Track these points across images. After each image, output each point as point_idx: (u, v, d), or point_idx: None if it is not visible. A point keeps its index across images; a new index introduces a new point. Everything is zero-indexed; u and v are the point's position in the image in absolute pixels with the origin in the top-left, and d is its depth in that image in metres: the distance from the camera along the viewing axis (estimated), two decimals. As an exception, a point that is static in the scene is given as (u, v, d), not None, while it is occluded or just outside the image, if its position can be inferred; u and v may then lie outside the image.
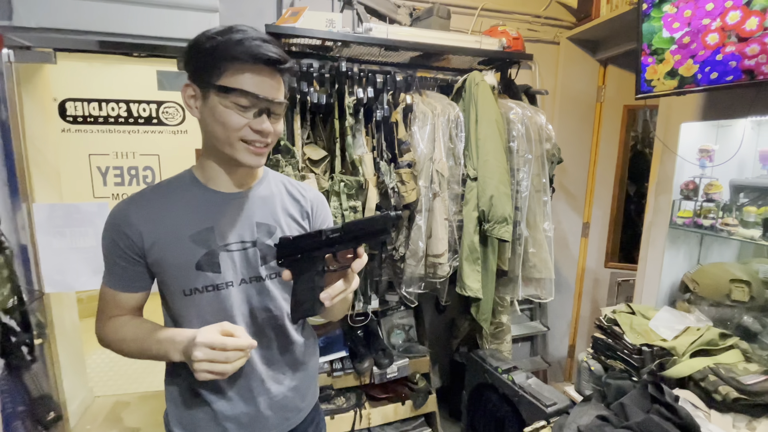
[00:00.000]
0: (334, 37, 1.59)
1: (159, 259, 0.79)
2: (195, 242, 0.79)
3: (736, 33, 1.20)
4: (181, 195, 0.82)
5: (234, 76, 0.72)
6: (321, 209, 0.96)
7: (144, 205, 0.80)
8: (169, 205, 0.81)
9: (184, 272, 0.79)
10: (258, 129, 0.75)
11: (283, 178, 0.94)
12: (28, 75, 1.87)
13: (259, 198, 0.87)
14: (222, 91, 0.72)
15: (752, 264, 1.58)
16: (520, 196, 1.80)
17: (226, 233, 0.82)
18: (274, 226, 0.86)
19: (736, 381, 1.15)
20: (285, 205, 0.90)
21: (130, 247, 0.79)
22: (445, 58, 1.90)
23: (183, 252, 0.79)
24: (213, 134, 0.76)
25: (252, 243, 0.84)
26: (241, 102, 0.73)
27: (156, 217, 0.80)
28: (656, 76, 1.42)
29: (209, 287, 0.81)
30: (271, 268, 0.86)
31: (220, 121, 0.74)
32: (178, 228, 0.79)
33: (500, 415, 1.61)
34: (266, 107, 0.75)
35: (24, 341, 1.47)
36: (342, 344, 1.95)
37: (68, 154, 1.99)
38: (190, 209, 0.81)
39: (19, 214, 1.74)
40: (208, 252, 0.80)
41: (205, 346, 0.69)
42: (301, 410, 0.94)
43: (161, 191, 0.83)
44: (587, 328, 2.58)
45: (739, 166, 1.61)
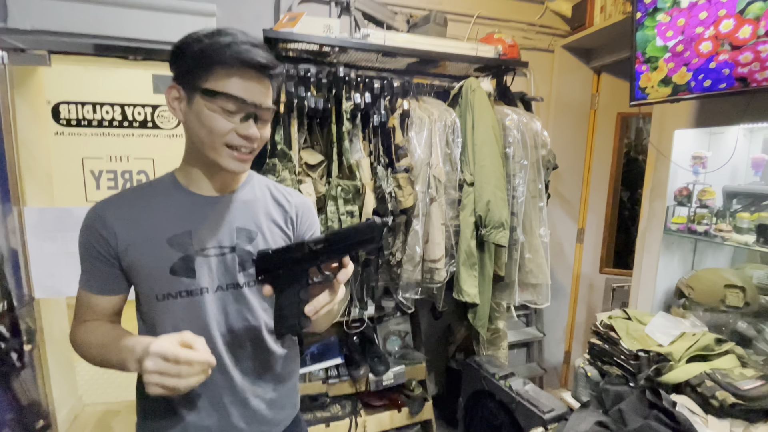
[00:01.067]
0: (332, 43, 1.59)
1: (133, 261, 0.77)
2: (171, 246, 0.77)
3: (730, 41, 1.22)
4: (162, 197, 0.80)
5: (221, 79, 0.71)
6: (307, 216, 0.92)
7: (121, 206, 0.78)
8: (148, 207, 0.79)
9: (158, 276, 0.77)
10: (244, 134, 0.73)
11: (268, 183, 0.92)
12: (22, 77, 1.85)
13: (241, 202, 0.84)
14: (208, 95, 0.70)
15: (746, 269, 1.59)
16: (516, 202, 1.81)
17: (204, 238, 0.79)
18: (255, 232, 0.83)
19: (733, 386, 1.15)
20: (268, 210, 0.87)
21: (105, 248, 0.76)
22: (441, 65, 1.91)
23: (158, 255, 0.77)
24: (197, 138, 0.74)
25: (230, 248, 0.81)
26: (228, 107, 0.71)
27: (133, 218, 0.77)
28: (650, 84, 1.44)
29: (183, 293, 0.78)
30: (250, 275, 0.82)
31: (206, 124, 0.72)
32: (155, 230, 0.77)
33: (497, 422, 1.60)
34: (253, 112, 0.74)
35: (13, 347, 1.43)
36: (337, 351, 1.93)
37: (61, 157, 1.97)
38: (169, 212, 0.79)
39: (10, 217, 1.71)
40: (184, 256, 0.77)
41: (157, 356, 0.63)
42: (279, 423, 0.90)
43: (141, 193, 0.81)
44: (583, 334, 2.58)
45: (731, 173, 1.64)
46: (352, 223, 1.58)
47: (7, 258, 1.63)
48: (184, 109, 0.75)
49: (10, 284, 1.57)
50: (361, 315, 1.85)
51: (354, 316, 1.84)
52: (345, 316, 1.85)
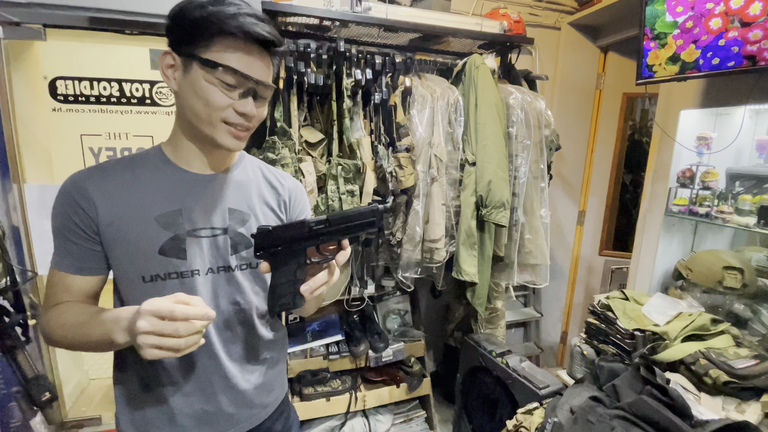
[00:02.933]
0: (332, 16, 1.55)
1: (117, 239, 0.72)
2: (160, 224, 0.73)
3: (740, 18, 1.19)
4: (149, 172, 0.75)
5: (223, 51, 0.67)
6: (299, 200, 0.90)
7: (105, 178, 0.73)
8: (134, 181, 0.74)
9: (146, 256, 0.72)
10: (242, 111, 0.70)
11: (260, 164, 0.89)
12: (17, 52, 1.81)
13: (234, 182, 0.81)
14: (208, 66, 0.67)
15: (745, 252, 1.60)
16: (517, 182, 1.80)
17: (195, 218, 0.75)
18: (248, 214, 0.81)
19: (727, 365, 1.17)
20: (261, 192, 0.84)
21: (85, 222, 0.71)
22: (445, 41, 1.87)
23: (145, 234, 0.72)
24: (191, 110, 0.70)
25: (223, 230, 0.78)
26: (228, 80, 0.68)
27: (117, 192, 0.72)
28: (658, 61, 1.41)
29: (173, 274, 0.74)
30: (242, 258, 0.80)
31: (202, 96, 0.68)
32: (142, 207, 0.73)
33: (494, 397, 1.64)
34: (253, 89, 0.70)
35: (18, 321, 1.46)
36: (338, 328, 1.96)
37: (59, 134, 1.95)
38: (157, 188, 0.74)
39: (11, 195, 1.71)
40: (174, 236, 0.73)
41: (151, 315, 0.59)
42: (267, 406, 0.89)
43: (126, 165, 0.75)
44: (580, 315, 2.62)
45: (736, 155, 1.62)
46: (353, 203, 1.57)
47: (8, 234, 1.64)
48: (178, 78, 0.70)
49: (13, 260, 1.58)
50: (362, 293, 1.87)
51: (354, 295, 1.86)
52: (346, 294, 1.87)
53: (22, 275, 1.57)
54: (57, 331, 0.71)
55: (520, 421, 1.23)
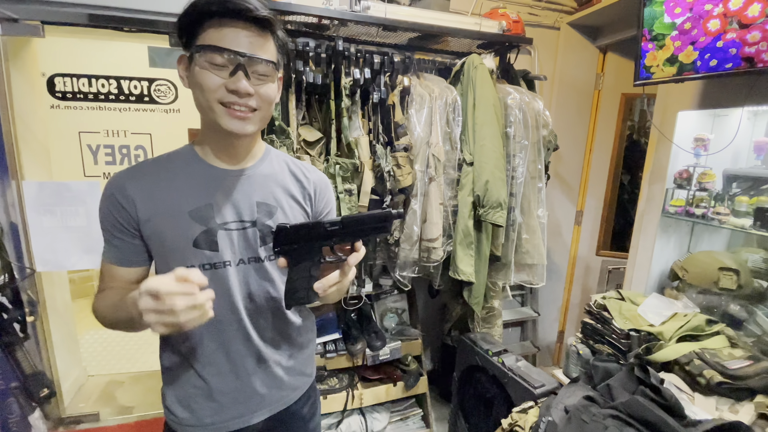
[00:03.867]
0: (331, 15, 1.55)
1: (155, 233, 0.77)
2: (193, 218, 0.77)
3: (738, 19, 1.19)
4: (181, 169, 0.79)
5: (211, 33, 0.69)
6: (324, 192, 0.93)
7: (142, 177, 0.78)
8: (168, 178, 0.78)
9: (181, 249, 0.77)
10: (233, 88, 0.70)
11: (285, 157, 0.92)
12: (16, 49, 1.81)
13: (260, 176, 0.84)
14: (198, 52, 0.69)
15: (741, 253, 1.60)
16: (515, 182, 1.80)
17: (225, 211, 0.79)
18: (275, 207, 0.84)
19: (721, 366, 1.18)
20: (287, 185, 0.87)
21: (126, 219, 0.76)
22: (443, 41, 1.87)
23: (180, 228, 0.76)
24: (197, 102, 0.73)
25: (251, 223, 0.81)
26: (215, 59, 0.69)
27: (154, 189, 0.77)
28: (655, 63, 1.41)
29: (206, 265, 0.78)
30: (270, 250, 0.84)
31: (198, 83, 0.70)
32: (176, 203, 0.77)
33: (489, 396, 1.65)
34: (241, 64, 0.70)
35: (16, 318, 1.46)
36: (335, 326, 1.97)
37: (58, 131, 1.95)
38: (189, 184, 0.78)
39: (9, 191, 1.71)
40: (207, 230, 0.78)
41: (147, 295, 0.61)
42: (296, 389, 0.94)
43: (161, 164, 0.80)
44: (577, 315, 2.62)
45: (733, 156, 1.62)
46: (351, 202, 1.58)
47: (7, 231, 1.64)
48: (188, 75, 0.73)
49: (11, 257, 1.58)
50: (359, 292, 1.87)
51: (352, 293, 1.86)
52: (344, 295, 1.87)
53: (20, 272, 1.58)
54: (99, 314, 0.77)
55: (515, 420, 1.23)
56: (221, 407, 0.84)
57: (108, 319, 0.76)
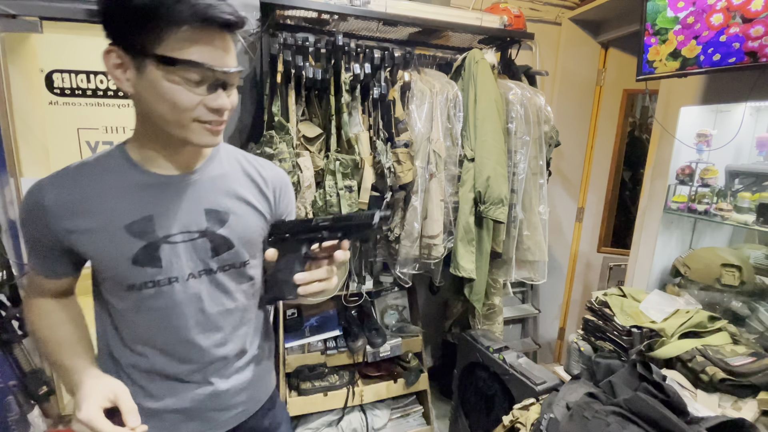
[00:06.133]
0: (331, 10, 1.54)
1: (87, 249, 0.69)
2: (130, 233, 0.68)
3: (741, 13, 1.18)
4: (114, 177, 0.69)
5: (179, 43, 0.58)
6: (285, 193, 0.86)
7: (66, 187, 0.67)
8: (97, 188, 0.68)
9: (119, 266, 0.69)
10: (215, 107, 0.64)
11: (237, 154, 0.82)
12: (14, 45, 1.80)
13: (209, 180, 0.75)
14: (166, 63, 0.59)
15: (744, 249, 1.60)
16: (516, 179, 1.79)
17: (169, 223, 0.71)
18: (227, 213, 0.75)
19: (724, 362, 1.17)
20: (240, 188, 0.79)
21: (45, 233, 0.68)
22: (444, 36, 1.86)
23: (116, 244, 0.68)
24: (158, 114, 0.63)
25: (200, 233, 0.73)
26: (192, 76, 0.60)
27: (82, 202, 0.67)
28: (658, 57, 1.40)
29: (149, 284, 0.71)
30: (224, 260, 0.76)
31: (167, 99, 0.61)
32: (110, 216, 0.68)
33: (490, 393, 1.64)
34: (222, 80, 0.63)
35: (14, 315, 1.45)
36: (336, 323, 1.96)
37: (56, 127, 1.93)
38: (124, 195, 0.69)
39: (7, 188, 1.70)
40: (147, 245, 0.69)
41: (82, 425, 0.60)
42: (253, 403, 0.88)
43: (87, 171, 0.70)
44: (578, 312, 2.62)
45: (736, 152, 1.61)
46: (351, 198, 1.57)
47: (5, 228, 1.63)
48: (133, 78, 0.61)
49: (10, 254, 1.58)
50: (360, 289, 1.87)
51: (352, 291, 1.85)
52: (344, 290, 1.87)
53: (19, 269, 1.57)
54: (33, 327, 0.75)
55: (517, 417, 1.23)
56: (169, 426, 0.78)
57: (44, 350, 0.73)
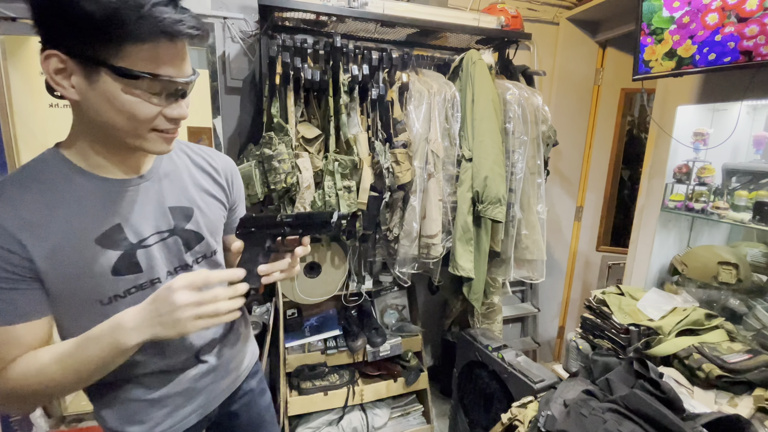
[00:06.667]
0: (329, 11, 1.55)
1: (59, 271, 0.62)
2: (104, 246, 0.66)
3: (736, 13, 1.18)
4: (63, 187, 0.64)
5: (142, 58, 0.56)
6: (236, 180, 0.89)
7: (16, 206, 0.60)
8: (51, 201, 0.63)
9: (99, 281, 0.66)
10: (174, 116, 0.63)
11: (182, 145, 0.82)
12: (14, 48, 1.81)
13: (164, 177, 0.75)
14: (125, 76, 0.56)
15: (741, 247, 1.61)
16: (514, 178, 1.80)
17: (139, 228, 0.70)
18: (190, 207, 0.77)
19: (720, 359, 1.18)
20: (195, 179, 0.80)
21: (17, 264, 0.60)
22: (442, 36, 1.87)
23: (92, 259, 0.65)
24: (110, 124, 0.60)
25: (169, 231, 0.74)
26: (153, 89, 0.59)
27: (40, 220, 0.61)
28: (654, 57, 1.41)
29: (132, 289, 0.70)
30: (197, 252, 0.79)
31: (125, 111, 0.59)
32: (76, 231, 0.63)
33: (489, 391, 1.65)
34: (182, 90, 0.63)
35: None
36: (336, 323, 1.97)
37: (56, 130, 1.95)
38: (83, 205, 0.65)
39: (9, 190, 1.72)
40: (123, 254, 0.68)
41: (185, 289, 0.59)
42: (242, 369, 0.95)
43: (31, 183, 0.63)
44: (577, 310, 2.63)
45: (733, 150, 1.62)
46: (350, 198, 1.58)
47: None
48: (79, 86, 0.57)
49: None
50: (359, 289, 1.88)
51: (352, 290, 1.87)
52: (343, 290, 1.88)
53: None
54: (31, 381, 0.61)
55: (515, 415, 1.24)
56: (173, 410, 0.81)
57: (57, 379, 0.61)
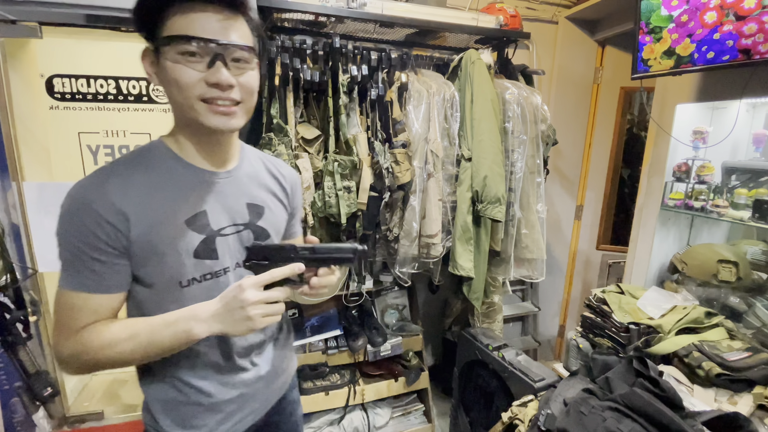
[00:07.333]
0: (328, 12, 1.55)
1: (150, 248, 0.68)
2: (191, 228, 0.72)
3: (735, 11, 1.18)
4: (165, 172, 0.72)
5: (178, 21, 0.61)
6: (298, 189, 0.94)
7: (125, 184, 0.67)
8: (153, 183, 0.69)
9: (181, 261, 0.71)
10: (213, 81, 0.63)
11: (259, 154, 0.90)
12: (14, 50, 1.81)
13: (245, 177, 0.82)
14: (166, 43, 0.62)
15: (741, 245, 1.61)
16: (514, 177, 1.80)
17: (220, 217, 0.76)
18: (263, 207, 0.83)
19: (720, 357, 1.18)
20: (268, 184, 0.87)
21: (113, 237, 0.65)
22: (441, 36, 1.87)
23: (179, 239, 0.70)
24: (172, 99, 0.67)
25: (245, 225, 0.80)
26: (188, 48, 0.61)
27: (143, 198, 0.67)
28: (653, 56, 1.41)
29: (207, 275, 0.75)
30: None
31: (173, 79, 0.63)
32: (170, 211, 0.70)
33: (490, 390, 1.65)
34: (219, 53, 0.63)
35: (18, 318, 1.47)
36: (337, 323, 1.98)
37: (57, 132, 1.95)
38: (179, 190, 0.71)
39: (10, 192, 1.72)
40: (205, 238, 0.73)
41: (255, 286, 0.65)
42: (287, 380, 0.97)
43: (136, 166, 0.70)
44: (578, 309, 2.63)
45: (732, 149, 1.62)
46: (350, 198, 1.58)
47: (8, 232, 1.65)
48: (155, 70, 0.67)
49: (13, 257, 1.59)
50: (360, 289, 1.88)
51: (353, 290, 1.87)
52: (344, 290, 1.88)
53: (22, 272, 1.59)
54: (101, 352, 0.66)
55: (515, 414, 1.24)
56: (226, 417, 0.83)
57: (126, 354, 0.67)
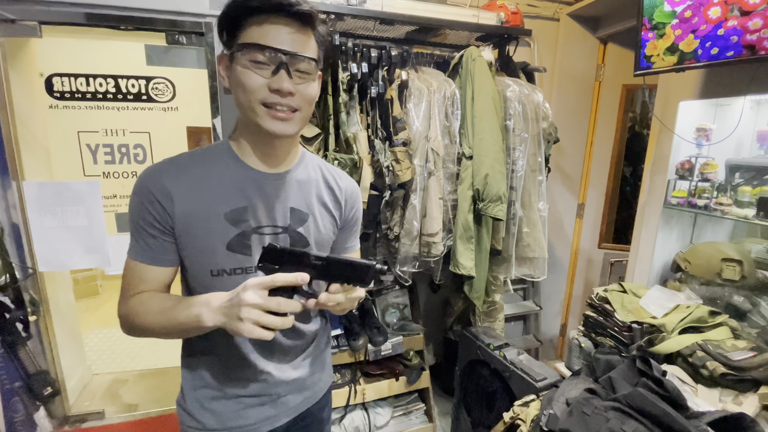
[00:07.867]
0: (327, 9, 1.54)
1: (188, 232, 0.74)
2: (229, 221, 0.76)
3: (739, 6, 1.17)
4: (219, 167, 0.77)
5: (253, 31, 0.68)
6: (355, 201, 0.94)
7: (179, 173, 0.75)
8: (206, 175, 0.76)
9: (214, 251, 0.75)
10: (276, 87, 0.69)
11: (320, 162, 0.91)
12: (14, 49, 1.81)
13: (296, 182, 0.83)
14: (239, 51, 0.68)
15: (745, 243, 1.59)
16: (515, 176, 1.79)
17: (260, 216, 0.79)
18: (307, 214, 0.84)
19: (724, 357, 1.17)
20: (320, 193, 0.87)
21: (161, 215, 0.73)
22: (441, 34, 1.86)
23: (215, 229, 0.75)
24: (238, 101, 0.72)
25: (283, 228, 0.81)
26: (256, 57, 0.68)
27: (192, 186, 0.75)
28: (656, 52, 1.39)
29: (237, 270, 0.78)
30: None
31: (240, 83, 0.69)
32: (213, 203, 0.75)
33: (491, 390, 1.64)
34: (284, 62, 0.69)
35: (18, 318, 1.47)
36: (337, 322, 1.97)
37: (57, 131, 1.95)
38: (226, 184, 0.77)
39: (10, 192, 1.72)
40: (241, 233, 0.77)
41: (257, 287, 0.64)
42: (318, 391, 0.96)
43: (198, 159, 0.78)
44: (580, 308, 2.61)
45: (736, 146, 1.60)
46: None
47: (8, 231, 1.65)
48: (226, 73, 0.73)
49: (13, 257, 1.59)
50: (360, 288, 1.87)
51: (353, 289, 1.85)
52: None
53: (22, 272, 1.58)
54: (138, 318, 0.74)
55: (517, 413, 1.23)
56: (247, 410, 0.84)
57: (155, 325, 0.73)
